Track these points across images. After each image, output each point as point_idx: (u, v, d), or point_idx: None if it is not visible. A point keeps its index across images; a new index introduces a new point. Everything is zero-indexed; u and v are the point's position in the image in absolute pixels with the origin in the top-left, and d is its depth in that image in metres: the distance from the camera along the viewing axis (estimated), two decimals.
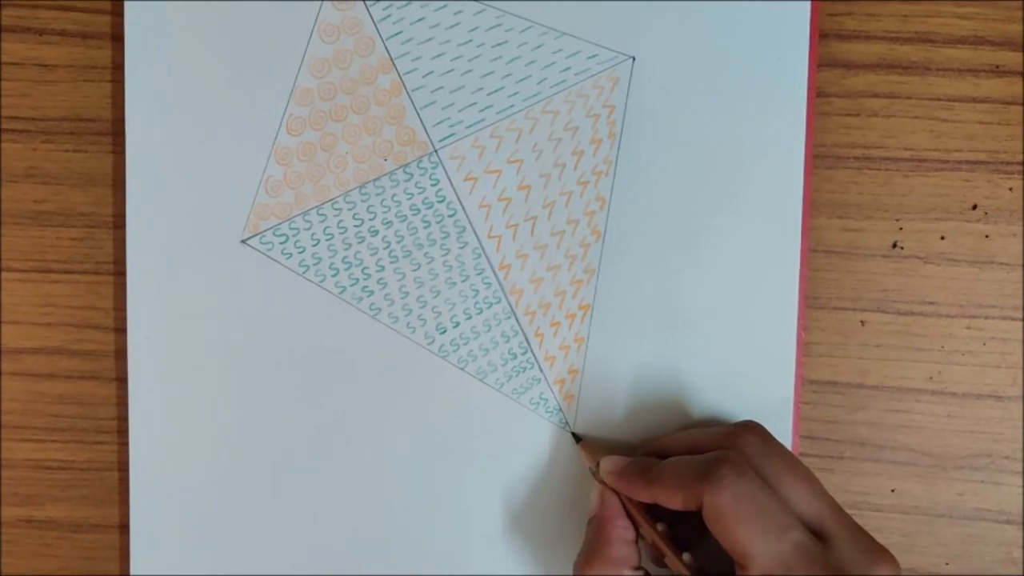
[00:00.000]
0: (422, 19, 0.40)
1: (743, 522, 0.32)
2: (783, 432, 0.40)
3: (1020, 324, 0.41)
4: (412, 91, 0.40)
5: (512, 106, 0.40)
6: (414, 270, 0.40)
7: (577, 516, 0.41)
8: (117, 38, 0.41)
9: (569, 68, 0.40)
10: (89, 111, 0.41)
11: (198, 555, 0.41)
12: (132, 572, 0.41)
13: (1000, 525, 0.41)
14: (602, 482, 0.38)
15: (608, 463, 0.38)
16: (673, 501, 0.34)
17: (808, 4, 0.39)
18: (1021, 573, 0.41)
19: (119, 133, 0.41)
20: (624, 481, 0.37)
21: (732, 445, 0.35)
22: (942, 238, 0.41)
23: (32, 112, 0.41)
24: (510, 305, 0.41)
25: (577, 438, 0.40)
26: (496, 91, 0.40)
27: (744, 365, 0.40)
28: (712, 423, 0.40)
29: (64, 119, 0.41)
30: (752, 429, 0.36)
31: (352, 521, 0.41)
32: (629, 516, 0.37)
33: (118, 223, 0.41)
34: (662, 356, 0.40)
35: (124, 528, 0.42)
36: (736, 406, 0.40)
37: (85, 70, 0.41)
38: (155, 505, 0.41)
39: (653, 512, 0.36)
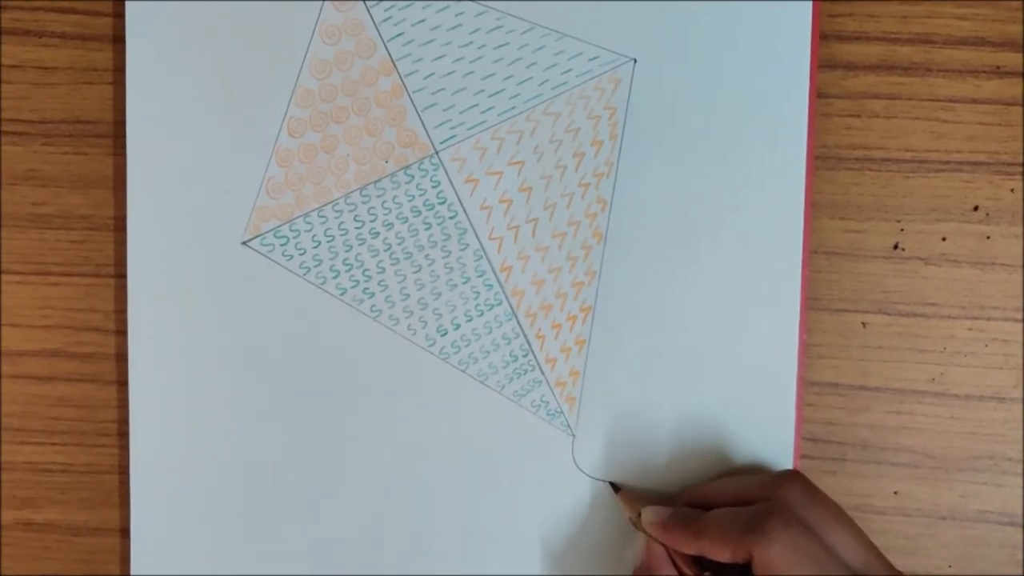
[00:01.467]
0: (423, 20, 0.40)
1: (795, 573, 0.33)
2: (785, 435, 0.40)
3: (1022, 326, 0.41)
4: (413, 93, 0.40)
5: (513, 108, 0.40)
6: (415, 272, 0.40)
7: (576, 517, 0.41)
8: (117, 40, 0.41)
9: (571, 70, 0.40)
10: (89, 113, 0.41)
11: (199, 557, 0.41)
12: (133, 574, 0.41)
13: (1003, 527, 0.41)
14: (645, 532, 0.38)
15: (650, 514, 0.38)
16: (721, 554, 0.35)
17: (809, 5, 0.39)
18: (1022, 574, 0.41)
19: (119, 135, 0.41)
20: (668, 533, 0.37)
21: (775, 495, 0.35)
22: (943, 239, 0.41)
23: (31, 115, 0.41)
24: (511, 307, 0.41)
25: (616, 487, 0.40)
26: (497, 93, 0.40)
27: (745, 367, 0.40)
28: (712, 425, 0.40)
29: (64, 121, 0.41)
30: (794, 478, 0.36)
31: (352, 522, 0.41)
32: (675, 565, 0.37)
33: (118, 225, 0.41)
34: (663, 357, 0.40)
35: (124, 531, 0.41)
36: (738, 408, 0.40)
37: (85, 72, 0.41)
38: (156, 508, 0.41)
39: (699, 560, 0.37)
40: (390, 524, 0.41)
